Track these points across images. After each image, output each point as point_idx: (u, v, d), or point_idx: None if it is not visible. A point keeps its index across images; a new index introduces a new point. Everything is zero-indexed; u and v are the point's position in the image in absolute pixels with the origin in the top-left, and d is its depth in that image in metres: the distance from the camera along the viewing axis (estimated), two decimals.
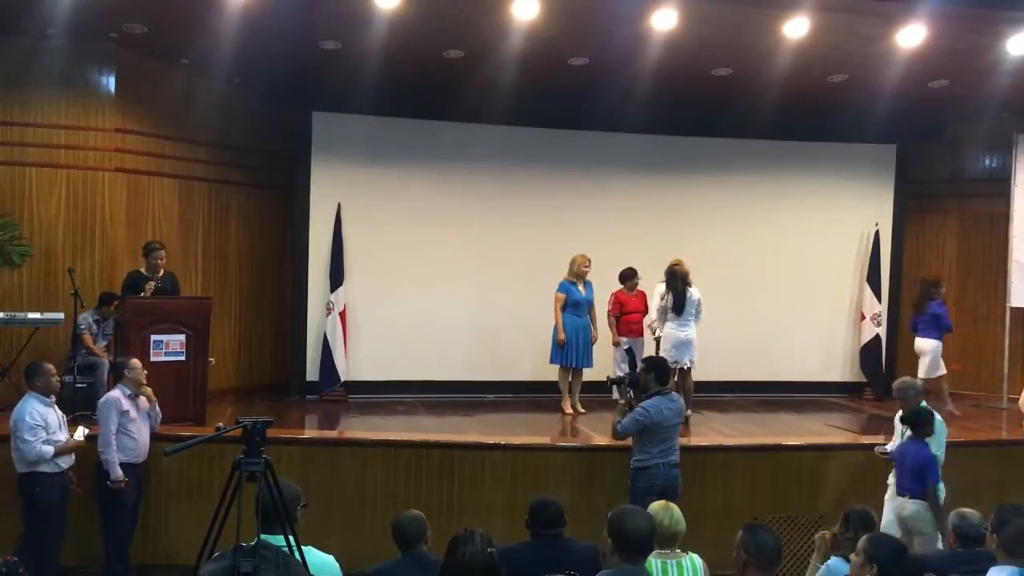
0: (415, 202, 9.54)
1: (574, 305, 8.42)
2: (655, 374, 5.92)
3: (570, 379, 8.57)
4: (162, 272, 7.49)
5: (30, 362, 6.02)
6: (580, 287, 8.47)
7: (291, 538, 3.07)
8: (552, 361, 8.54)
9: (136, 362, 6.05)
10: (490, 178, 9.75)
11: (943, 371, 9.02)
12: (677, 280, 7.92)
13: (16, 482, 5.70)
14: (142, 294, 7.25)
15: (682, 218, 10.01)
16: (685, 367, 7.98)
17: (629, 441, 5.97)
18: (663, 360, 6.45)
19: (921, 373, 8.63)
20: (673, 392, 6.10)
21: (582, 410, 8.46)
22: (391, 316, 9.44)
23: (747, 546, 3.38)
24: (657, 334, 8.30)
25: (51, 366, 5.87)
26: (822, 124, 9.85)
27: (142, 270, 7.53)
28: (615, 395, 6.19)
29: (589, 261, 8.46)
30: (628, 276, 8.72)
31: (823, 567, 4.17)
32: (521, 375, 9.49)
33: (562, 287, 8.47)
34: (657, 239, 9.50)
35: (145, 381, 6.01)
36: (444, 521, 5.68)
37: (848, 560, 3.70)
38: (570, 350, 8.39)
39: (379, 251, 9.46)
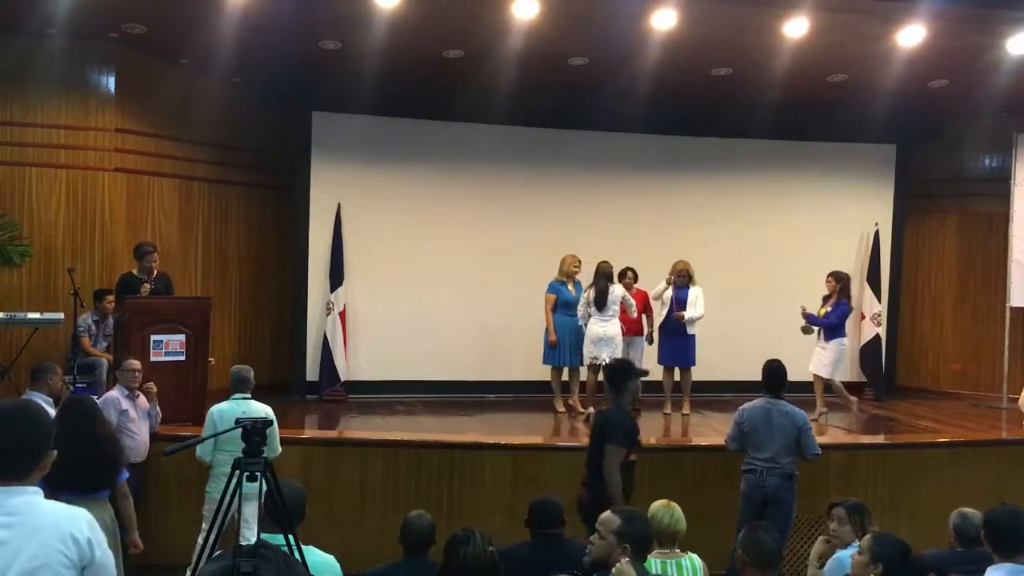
0: (415, 202, 9.54)
1: (564, 305, 8.42)
2: (765, 380, 6.04)
3: (567, 379, 8.58)
4: (155, 273, 7.48)
5: (39, 363, 5.97)
6: (570, 287, 8.48)
7: (291, 538, 3.07)
8: (545, 362, 8.55)
9: (132, 363, 6.02)
10: (490, 178, 9.75)
11: None
12: (600, 278, 8.17)
13: None
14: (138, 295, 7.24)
15: (682, 218, 10.01)
16: (604, 363, 7.93)
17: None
18: (774, 365, 6.26)
19: None
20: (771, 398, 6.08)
21: (582, 410, 8.44)
22: (391, 316, 9.43)
23: (746, 547, 3.38)
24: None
25: (59, 368, 5.85)
26: (822, 124, 9.84)
27: (134, 272, 7.53)
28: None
29: (579, 261, 8.47)
30: (620, 276, 8.62)
31: (832, 560, 4.18)
32: (521, 375, 9.47)
33: (552, 287, 8.48)
34: (657, 239, 9.53)
35: (136, 384, 5.97)
36: (444, 521, 5.65)
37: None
38: (562, 350, 8.40)
39: (379, 251, 9.46)
